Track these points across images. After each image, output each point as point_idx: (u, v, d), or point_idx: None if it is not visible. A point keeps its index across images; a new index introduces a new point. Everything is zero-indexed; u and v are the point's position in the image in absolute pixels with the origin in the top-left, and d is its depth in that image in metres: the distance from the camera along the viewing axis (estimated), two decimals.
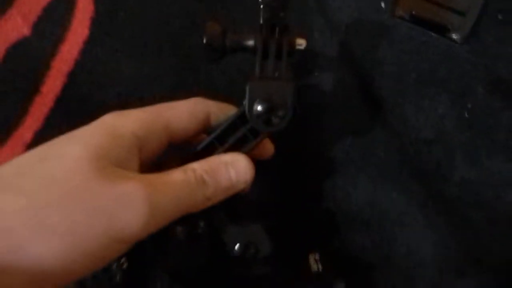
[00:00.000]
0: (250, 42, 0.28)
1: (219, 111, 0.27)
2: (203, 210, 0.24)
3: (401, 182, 0.34)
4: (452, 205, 0.33)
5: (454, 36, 0.36)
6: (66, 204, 0.20)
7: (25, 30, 0.43)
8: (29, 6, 0.44)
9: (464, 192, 0.34)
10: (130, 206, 0.21)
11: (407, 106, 0.35)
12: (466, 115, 0.35)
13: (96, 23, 0.42)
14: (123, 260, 0.34)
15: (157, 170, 0.24)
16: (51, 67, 0.42)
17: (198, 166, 0.24)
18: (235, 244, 0.26)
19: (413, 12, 0.36)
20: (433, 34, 0.36)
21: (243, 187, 0.25)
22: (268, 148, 0.30)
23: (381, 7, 0.37)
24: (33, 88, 0.41)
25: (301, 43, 0.29)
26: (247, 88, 0.26)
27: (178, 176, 0.23)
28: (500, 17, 0.36)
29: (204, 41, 0.28)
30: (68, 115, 0.40)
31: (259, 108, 0.25)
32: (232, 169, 0.25)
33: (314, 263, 0.31)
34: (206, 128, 0.28)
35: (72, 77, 0.41)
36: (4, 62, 0.43)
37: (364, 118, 0.36)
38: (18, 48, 0.43)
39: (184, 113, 0.26)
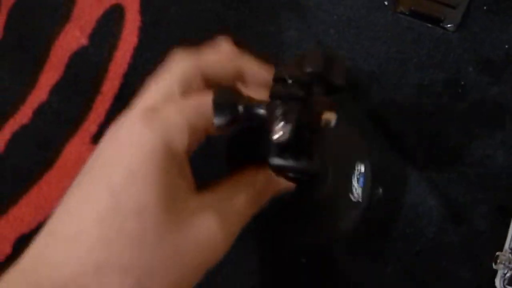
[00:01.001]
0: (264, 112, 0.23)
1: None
2: None
3: (405, 148, 0.41)
4: (449, 164, 0.41)
5: (447, 26, 0.43)
6: (163, 267, 0.20)
7: (83, 40, 0.51)
8: (84, 19, 0.52)
9: (458, 154, 0.41)
10: (214, 246, 0.22)
11: (410, 85, 0.43)
12: (460, 90, 0.42)
13: (144, 31, 0.49)
14: None
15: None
16: (108, 70, 0.50)
17: (242, 188, 0.24)
18: None
19: (412, 8, 0.43)
20: (429, 25, 0.43)
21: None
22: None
23: (384, 4, 0.45)
24: (95, 89, 0.49)
25: (330, 118, 0.23)
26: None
27: (241, 199, 0.23)
28: (485, 8, 0.43)
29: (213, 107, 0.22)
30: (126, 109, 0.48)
31: None
32: (258, 183, 0.25)
33: None
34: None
35: (127, 77, 0.48)
36: (68, 68, 0.51)
37: (373, 97, 0.43)
38: (79, 55, 0.51)
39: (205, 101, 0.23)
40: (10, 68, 0.52)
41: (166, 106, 0.22)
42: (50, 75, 0.51)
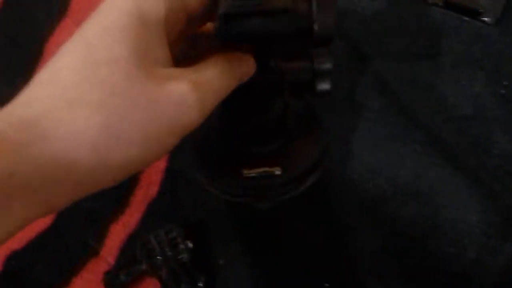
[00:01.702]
0: None
1: None
2: None
3: (445, 156, 0.36)
4: (493, 175, 0.36)
5: (486, 18, 0.38)
6: (133, 113, 0.22)
7: None
8: (82, 14, 0.48)
9: (504, 162, 0.36)
10: (187, 106, 0.23)
11: (446, 85, 0.38)
12: (503, 91, 0.37)
13: None
14: (189, 241, 0.38)
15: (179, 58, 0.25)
16: None
17: (221, 60, 0.26)
18: None
19: None
20: (466, 18, 0.39)
21: (248, 78, 0.28)
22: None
23: None
24: None
25: None
26: None
27: (210, 73, 0.25)
28: None
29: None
30: None
31: None
32: (243, 65, 0.27)
33: None
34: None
35: None
36: None
37: (406, 98, 0.38)
38: None
39: None
40: (1, 68, 0.48)
41: None
42: None
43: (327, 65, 0.34)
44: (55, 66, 0.23)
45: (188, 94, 0.23)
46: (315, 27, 0.29)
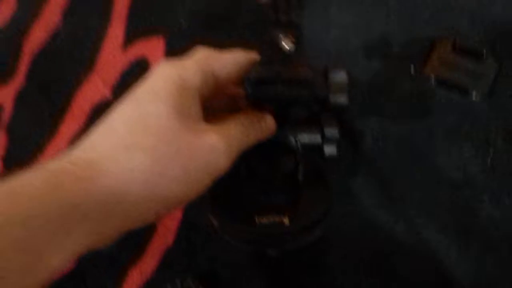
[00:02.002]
0: None
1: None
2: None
3: (436, 217, 0.40)
4: (481, 237, 0.39)
5: (474, 96, 0.43)
6: (177, 156, 0.27)
7: (106, 92, 0.51)
8: (108, 71, 0.52)
9: (491, 227, 0.40)
10: (218, 153, 0.28)
11: (438, 153, 0.42)
12: (489, 160, 0.41)
13: None
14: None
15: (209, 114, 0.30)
16: None
17: (244, 118, 0.31)
18: None
19: (439, 76, 0.43)
20: (455, 93, 0.43)
21: (268, 136, 0.34)
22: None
23: (410, 70, 0.45)
24: None
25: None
26: None
27: (236, 129, 0.30)
28: None
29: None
30: None
31: None
32: (264, 123, 0.33)
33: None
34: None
35: None
36: (89, 119, 0.51)
37: (401, 164, 0.42)
38: (100, 107, 0.51)
39: (228, 62, 0.31)
40: (30, 116, 0.52)
41: (184, 59, 0.30)
42: (70, 125, 0.51)
43: (335, 133, 0.38)
44: (110, 120, 0.28)
45: (218, 143, 0.28)
46: (331, 97, 0.33)
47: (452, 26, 0.45)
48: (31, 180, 0.24)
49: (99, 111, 0.50)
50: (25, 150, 0.51)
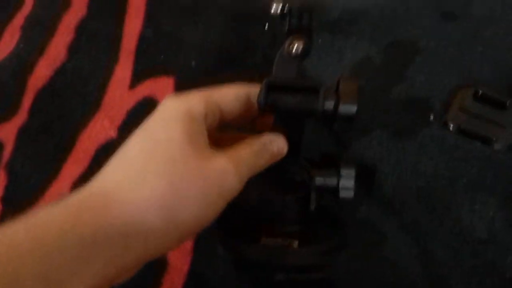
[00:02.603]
0: None
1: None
2: None
3: (459, 274, 0.38)
4: None
5: (497, 146, 0.41)
6: (191, 178, 0.27)
7: (112, 132, 0.50)
8: (115, 110, 0.51)
9: None
10: (228, 176, 0.29)
11: (461, 208, 0.40)
12: None
13: None
14: None
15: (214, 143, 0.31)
16: None
17: (254, 141, 0.32)
18: None
19: (461, 126, 0.41)
20: (478, 143, 0.42)
21: (280, 157, 0.34)
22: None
23: (431, 119, 0.43)
24: None
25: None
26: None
27: (246, 151, 0.31)
28: None
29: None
30: None
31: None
32: (275, 144, 0.33)
33: None
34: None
35: None
36: (94, 161, 0.49)
37: (422, 216, 0.40)
38: (105, 148, 0.49)
39: (230, 93, 0.32)
40: (32, 154, 0.50)
41: (190, 93, 0.31)
42: (74, 167, 0.49)
43: (351, 181, 0.37)
44: (124, 150, 0.29)
45: (227, 166, 0.29)
46: (340, 108, 0.32)
47: (473, 73, 0.44)
48: (51, 214, 0.25)
49: (104, 153, 0.49)
50: (25, 191, 0.49)
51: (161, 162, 0.27)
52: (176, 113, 0.29)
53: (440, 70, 0.45)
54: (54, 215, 0.25)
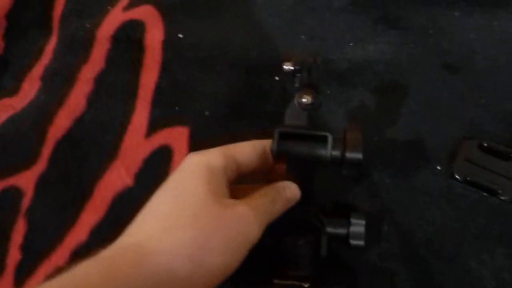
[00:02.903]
0: None
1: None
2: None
3: None
4: None
5: (503, 197, 0.42)
6: (214, 229, 0.29)
7: (128, 180, 0.51)
8: (131, 158, 0.52)
9: None
10: (249, 222, 0.31)
11: (469, 258, 0.41)
12: None
13: None
14: None
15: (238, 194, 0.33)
16: None
17: (270, 189, 0.35)
18: None
19: (468, 177, 0.43)
20: (485, 194, 0.43)
21: (294, 203, 0.36)
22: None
23: (437, 169, 0.45)
24: None
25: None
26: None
27: (263, 199, 0.33)
28: None
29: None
30: None
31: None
32: (288, 190, 0.36)
33: None
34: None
35: None
36: (111, 209, 0.50)
37: (431, 266, 0.41)
38: (123, 196, 0.50)
39: (246, 148, 0.36)
40: (51, 202, 0.52)
41: (210, 149, 0.35)
42: (91, 215, 0.50)
43: (361, 225, 0.38)
44: (151, 203, 0.32)
45: (247, 213, 0.31)
46: (347, 155, 0.35)
47: (477, 124, 0.46)
48: (88, 269, 0.27)
49: (121, 200, 0.50)
50: (44, 238, 0.50)
51: (187, 216, 0.30)
52: (198, 167, 0.32)
53: (444, 120, 0.47)
54: (92, 271, 0.27)
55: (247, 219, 0.31)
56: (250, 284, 0.36)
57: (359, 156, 0.35)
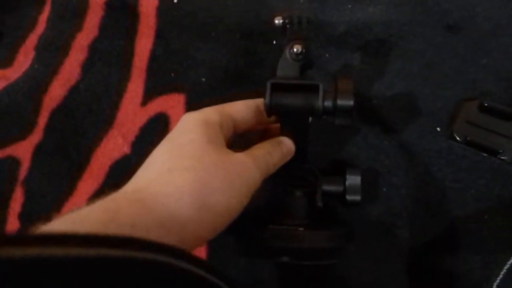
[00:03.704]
0: None
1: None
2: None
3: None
4: None
5: (504, 157, 0.42)
6: (215, 170, 0.30)
7: (126, 149, 0.51)
8: (127, 127, 0.52)
9: None
10: (248, 167, 0.32)
11: (470, 219, 0.41)
12: None
13: None
14: None
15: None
16: None
17: (266, 143, 0.36)
18: None
19: (468, 138, 0.42)
20: (485, 154, 0.42)
21: (290, 157, 0.37)
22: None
23: (437, 130, 0.44)
24: None
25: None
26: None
27: (260, 150, 0.34)
28: None
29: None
30: None
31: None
32: (284, 145, 0.36)
33: None
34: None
35: None
36: (108, 177, 0.50)
37: (432, 229, 0.41)
38: (120, 164, 0.50)
39: (240, 106, 0.36)
40: (48, 171, 0.51)
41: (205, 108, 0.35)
42: (89, 183, 0.50)
43: (357, 180, 0.38)
44: (151, 155, 0.32)
45: (247, 160, 0.32)
46: (338, 101, 0.35)
47: (478, 85, 0.45)
48: (91, 210, 0.27)
49: (118, 168, 0.50)
50: (41, 207, 0.50)
51: (187, 159, 0.30)
52: (195, 122, 0.33)
53: (445, 82, 0.46)
54: (96, 211, 0.27)
55: (247, 165, 0.32)
56: (245, 230, 0.37)
57: (350, 103, 0.34)
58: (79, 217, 0.26)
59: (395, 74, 0.47)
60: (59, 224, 0.25)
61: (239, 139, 0.38)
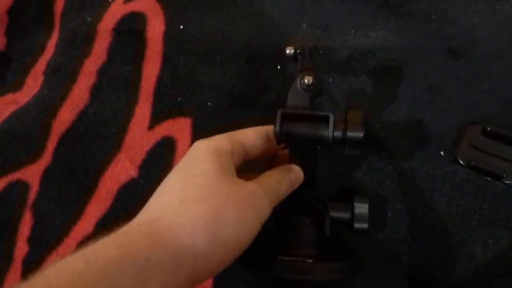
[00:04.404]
0: None
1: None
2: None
3: None
4: None
5: (508, 181, 0.42)
6: (227, 202, 0.30)
7: (133, 172, 0.51)
8: (135, 150, 0.53)
9: None
10: (259, 197, 0.32)
11: (474, 243, 0.41)
12: None
13: None
14: None
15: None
16: None
17: (274, 171, 0.36)
18: None
19: (472, 162, 0.42)
20: (489, 178, 0.43)
21: (298, 184, 0.37)
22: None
23: (441, 155, 0.45)
24: None
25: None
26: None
27: (269, 179, 0.35)
28: None
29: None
30: None
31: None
32: (292, 173, 0.37)
33: None
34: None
35: None
36: (116, 201, 0.51)
37: (436, 253, 0.41)
38: (128, 188, 0.51)
39: (250, 133, 0.37)
40: (57, 195, 0.52)
41: (217, 136, 0.36)
42: (97, 206, 0.50)
43: (365, 208, 0.39)
44: (164, 184, 0.33)
45: (257, 189, 0.32)
46: (348, 133, 0.35)
47: (481, 110, 0.45)
48: (106, 245, 0.27)
49: (126, 192, 0.50)
50: (50, 231, 0.51)
51: (199, 191, 0.31)
52: (206, 151, 0.33)
53: (448, 107, 0.46)
54: (109, 246, 0.27)
55: (257, 195, 0.32)
56: (255, 261, 0.37)
57: (360, 135, 0.35)
58: (94, 253, 0.26)
59: (398, 98, 0.48)
60: (74, 261, 0.26)
61: (247, 163, 0.38)
